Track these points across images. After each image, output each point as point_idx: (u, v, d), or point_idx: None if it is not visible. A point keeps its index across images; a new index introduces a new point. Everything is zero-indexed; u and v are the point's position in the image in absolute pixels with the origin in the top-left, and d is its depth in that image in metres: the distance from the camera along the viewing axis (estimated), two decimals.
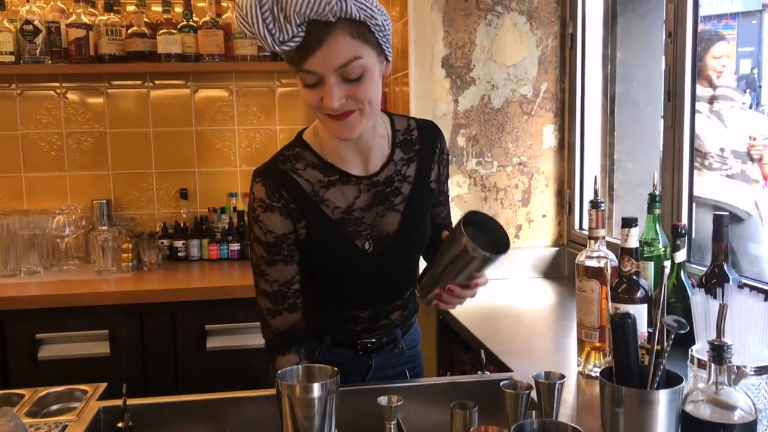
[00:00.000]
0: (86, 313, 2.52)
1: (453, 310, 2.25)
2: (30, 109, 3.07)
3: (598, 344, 1.61)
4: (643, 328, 1.40)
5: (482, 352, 1.69)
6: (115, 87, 3.12)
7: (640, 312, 1.45)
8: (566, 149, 2.72)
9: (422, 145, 1.56)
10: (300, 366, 1.24)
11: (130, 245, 2.81)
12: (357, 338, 1.60)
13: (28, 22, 2.79)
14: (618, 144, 2.62)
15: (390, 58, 1.37)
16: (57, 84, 3.08)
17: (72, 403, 1.56)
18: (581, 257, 1.63)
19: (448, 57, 2.61)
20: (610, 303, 1.38)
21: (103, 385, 1.59)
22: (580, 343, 1.64)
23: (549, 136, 2.71)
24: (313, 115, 1.40)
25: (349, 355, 1.61)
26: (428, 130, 1.59)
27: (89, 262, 2.90)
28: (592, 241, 1.61)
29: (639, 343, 1.06)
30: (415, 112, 2.59)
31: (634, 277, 1.47)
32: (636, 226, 1.48)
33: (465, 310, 2.25)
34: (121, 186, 3.15)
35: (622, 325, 1.01)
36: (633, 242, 1.47)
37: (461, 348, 2.44)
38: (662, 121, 2.66)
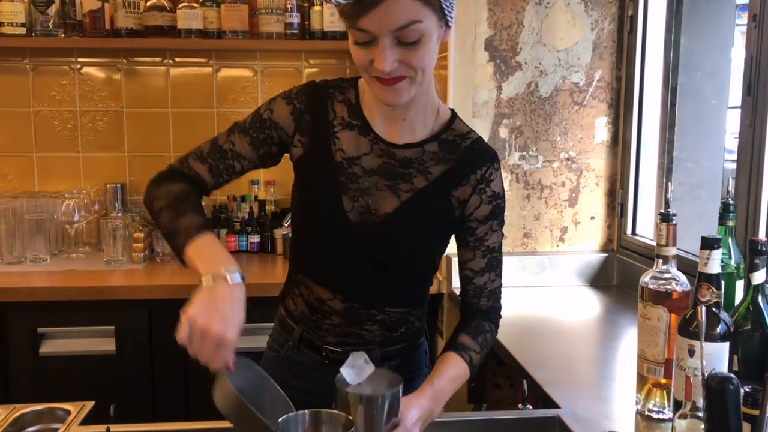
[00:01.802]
0: (92, 308, 2.34)
1: None
2: (43, 85, 2.89)
3: (662, 381, 1.37)
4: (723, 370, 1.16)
5: (524, 383, 1.46)
6: (132, 63, 2.92)
7: (719, 351, 1.21)
8: (620, 145, 2.45)
9: (465, 157, 1.36)
10: (306, 412, 1.03)
11: (143, 234, 2.63)
12: (323, 339, 1.42)
13: None
14: (678, 140, 2.36)
15: (451, 24, 1.24)
16: (72, 59, 2.90)
17: (53, 425, 1.37)
18: (646, 278, 1.39)
19: (492, 38, 2.36)
20: (702, 343, 1.13)
21: (90, 405, 1.40)
22: (641, 379, 1.41)
23: (601, 129, 2.45)
24: None
25: (315, 362, 1.43)
26: (482, 150, 1.38)
27: (100, 249, 2.72)
28: (660, 261, 1.37)
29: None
30: (452, 99, 2.35)
31: (713, 309, 1.22)
32: (718, 247, 1.23)
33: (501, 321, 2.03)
34: (137, 169, 2.96)
35: (722, 392, 0.77)
36: (714, 267, 1.22)
37: (495, 361, 2.22)
38: (728, 116, 2.40)
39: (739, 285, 1.60)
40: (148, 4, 2.68)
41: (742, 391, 0.90)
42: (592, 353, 1.87)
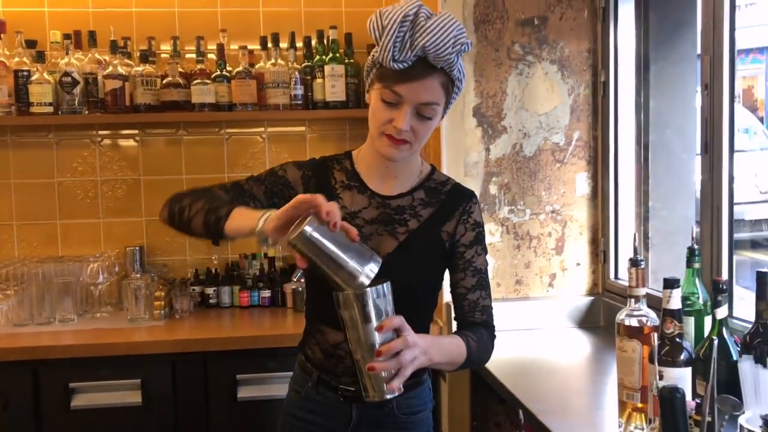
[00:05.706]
0: (119, 363, 2.52)
1: None
2: (66, 157, 3.12)
3: (640, 405, 1.57)
4: (688, 394, 1.37)
5: (521, 412, 1.65)
6: (149, 135, 3.16)
7: (683, 376, 1.41)
8: (600, 197, 2.69)
9: (448, 199, 1.65)
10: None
11: (162, 293, 2.82)
12: (339, 381, 1.62)
13: (67, 74, 2.85)
14: (653, 191, 2.59)
15: (446, 113, 1.59)
16: (93, 132, 3.13)
17: None
18: (621, 316, 1.60)
19: (480, 106, 2.62)
20: (656, 366, 1.34)
21: None
22: (622, 404, 1.60)
23: (582, 183, 2.69)
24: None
25: (332, 400, 1.63)
26: (461, 192, 1.68)
27: (122, 309, 2.91)
28: (632, 300, 1.58)
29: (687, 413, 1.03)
30: (446, 161, 2.59)
31: (677, 339, 1.43)
32: (678, 287, 1.45)
33: (498, 361, 2.22)
34: (153, 232, 3.16)
35: (671, 401, 0.98)
36: (675, 303, 1.44)
37: (495, 400, 2.40)
38: (698, 168, 2.64)
39: (707, 320, 1.81)
40: (164, 81, 2.93)
41: (693, 402, 1.11)
42: (581, 387, 2.07)
